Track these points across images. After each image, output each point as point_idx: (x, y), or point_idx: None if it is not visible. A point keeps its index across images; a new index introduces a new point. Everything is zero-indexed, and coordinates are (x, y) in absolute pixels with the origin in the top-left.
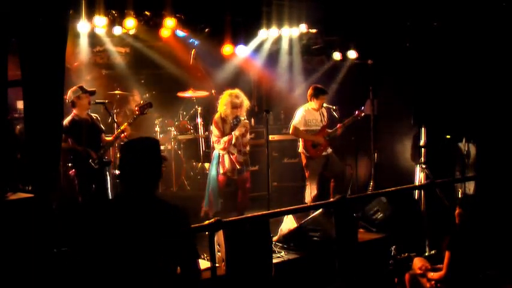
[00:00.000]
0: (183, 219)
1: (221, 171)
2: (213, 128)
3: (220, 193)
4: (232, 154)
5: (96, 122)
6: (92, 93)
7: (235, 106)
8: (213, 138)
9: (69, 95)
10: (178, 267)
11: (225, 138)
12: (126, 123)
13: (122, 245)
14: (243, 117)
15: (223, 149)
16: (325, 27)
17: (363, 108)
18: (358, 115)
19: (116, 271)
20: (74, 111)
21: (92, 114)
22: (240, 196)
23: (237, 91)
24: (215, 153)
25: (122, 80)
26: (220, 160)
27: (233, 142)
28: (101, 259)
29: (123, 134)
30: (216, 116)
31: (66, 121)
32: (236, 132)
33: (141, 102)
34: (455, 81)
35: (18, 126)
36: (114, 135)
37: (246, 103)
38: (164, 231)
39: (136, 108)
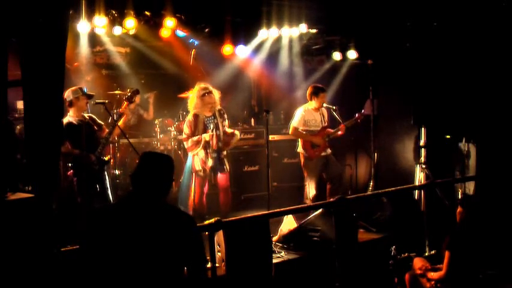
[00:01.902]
0: (192, 224)
1: (195, 168)
2: (184, 124)
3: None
4: (206, 152)
5: (91, 122)
6: (90, 96)
7: (206, 99)
8: (183, 135)
9: (68, 94)
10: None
11: (194, 138)
12: (123, 107)
13: (130, 247)
14: (220, 115)
15: (189, 149)
16: (325, 27)
17: (363, 111)
18: (358, 118)
19: (122, 272)
20: (70, 112)
21: (87, 115)
22: (221, 198)
23: (203, 83)
24: (189, 153)
25: (122, 80)
26: (192, 158)
27: (201, 145)
28: (108, 259)
29: (116, 125)
30: (189, 115)
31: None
32: (206, 137)
33: (127, 91)
34: (455, 81)
35: (18, 126)
36: (110, 129)
37: (217, 95)
38: (173, 235)
39: (124, 98)
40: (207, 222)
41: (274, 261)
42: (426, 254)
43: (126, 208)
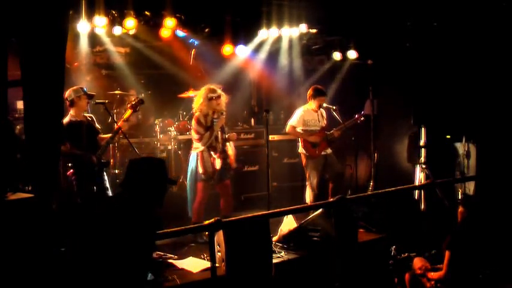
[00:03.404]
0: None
1: (200, 170)
2: (194, 125)
3: (194, 200)
4: (214, 153)
5: (92, 123)
6: (91, 96)
7: (213, 104)
8: (195, 136)
9: (70, 93)
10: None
11: (207, 134)
12: (121, 121)
13: (103, 242)
14: (223, 111)
15: (205, 143)
16: (325, 27)
17: (363, 112)
18: (358, 118)
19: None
20: (71, 111)
21: (87, 115)
22: (222, 203)
23: (213, 86)
24: (192, 154)
25: (122, 80)
26: (198, 159)
27: (212, 138)
28: (88, 255)
29: (120, 130)
30: (197, 114)
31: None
32: (216, 127)
33: (132, 99)
34: (455, 81)
35: (18, 126)
36: (111, 134)
37: (224, 99)
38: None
39: (128, 106)
40: (207, 222)
41: (274, 261)
42: (426, 254)
43: (108, 206)
